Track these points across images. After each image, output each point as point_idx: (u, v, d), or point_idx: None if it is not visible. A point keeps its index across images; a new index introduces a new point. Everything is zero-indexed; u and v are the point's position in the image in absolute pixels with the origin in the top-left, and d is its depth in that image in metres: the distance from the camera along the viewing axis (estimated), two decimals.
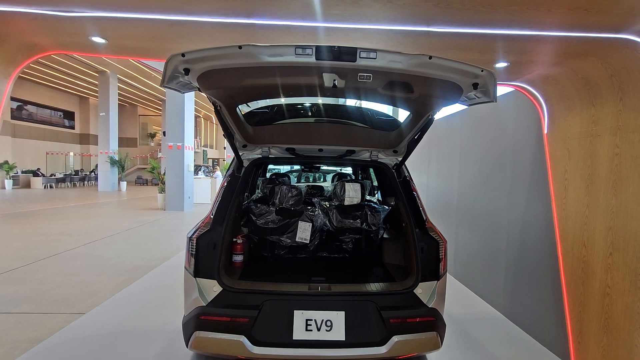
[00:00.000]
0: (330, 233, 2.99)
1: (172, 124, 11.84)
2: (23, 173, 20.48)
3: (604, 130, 2.43)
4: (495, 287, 3.85)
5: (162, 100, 24.19)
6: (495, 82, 1.67)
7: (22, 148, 21.17)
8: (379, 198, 3.85)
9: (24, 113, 21.75)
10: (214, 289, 2.17)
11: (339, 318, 2.06)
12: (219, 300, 2.14)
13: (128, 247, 6.64)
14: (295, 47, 1.51)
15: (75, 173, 23.88)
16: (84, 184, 23.58)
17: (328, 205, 3.05)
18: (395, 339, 2.03)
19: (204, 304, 2.11)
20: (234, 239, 2.65)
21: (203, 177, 15.99)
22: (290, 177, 5.41)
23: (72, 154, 25.50)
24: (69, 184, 22.29)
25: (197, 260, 2.20)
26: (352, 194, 2.85)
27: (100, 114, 19.35)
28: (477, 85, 1.69)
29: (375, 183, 4.24)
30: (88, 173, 24.68)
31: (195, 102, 15.84)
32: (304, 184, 5.01)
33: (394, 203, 2.87)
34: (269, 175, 4.58)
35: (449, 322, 3.51)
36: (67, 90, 23.93)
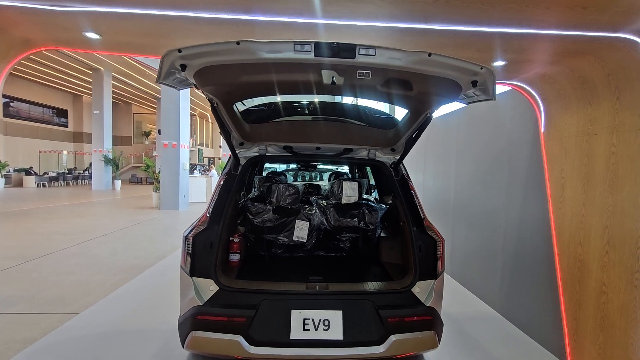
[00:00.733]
0: (328, 232, 2.98)
1: (167, 122, 11.74)
2: (15, 171, 20.22)
3: (601, 129, 2.44)
4: (492, 286, 3.86)
5: (157, 98, 24.01)
6: (494, 79, 1.66)
7: (14, 146, 20.90)
8: (377, 197, 3.84)
9: (16, 110, 21.47)
10: (211, 289, 2.14)
11: (337, 317, 2.05)
12: (216, 300, 2.12)
13: (123, 246, 6.58)
14: (294, 43, 1.49)
15: (69, 172, 23.63)
16: (78, 183, 23.35)
17: (325, 204, 3.04)
18: (393, 338, 2.03)
19: (200, 304, 2.08)
20: (231, 238, 2.62)
21: (198, 175, 15.90)
22: (287, 175, 5.38)
23: (65, 152, 25.23)
24: (62, 183, 22.06)
25: (193, 259, 2.18)
26: (349, 193, 2.84)
27: (94, 112, 19.16)
28: (476, 83, 1.68)
29: (373, 182, 4.23)
30: (82, 172, 24.43)
31: (191, 100, 15.75)
32: (301, 183, 4.98)
33: (392, 202, 2.86)
34: (266, 174, 4.56)
35: (446, 321, 3.52)
36: (60, 88, 23.66)
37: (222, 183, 2.40)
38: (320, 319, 2.04)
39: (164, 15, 2.00)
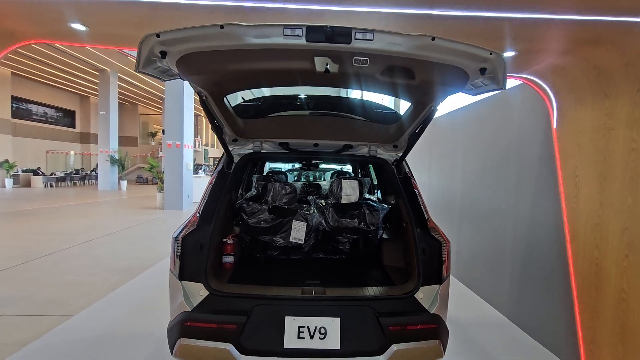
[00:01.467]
0: (326, 233, 2.83)
1: (171, 122, 11.70)
2: (23, 172, 20.43)
3: (619, 124, 2.27)
4: (500, 289, 3.69)
5: (162, 99, 24.10)
6: (505, 66, 1.51)
7: (22, 147, 21.11)
8: (379, 196, 3.69)
9: (25, 112, 21.70)
10: (200, 293, 2.02)
11: (334, 325, 1.91)
12: (205, 305, 1.99)
13: (124, 246, 6.52)
14: (284, 27, 1.36)
15: (76, 172, 23.82)
16: (85, 183, 23.53)
17: (324, 204, 2.89)
18: (395, 348, 1.88)
19: (189, 309, 1.96)
20: (224, 239, 2.50)
21: (203, 176, 15.86)
22: (288, 175, 5.23)
23: (72, 153, 25.45)
24: (69, 183, 22.24)
25: (182, 262, 2.06)
26: (349, 192, 2.70)
27: (101, 113, 19.26)
28: (484, 71, 1.53)
29: (376, 181, 4.08)
30: (89, 172, 24.62)
31: (195, 100, 15.73)
32: (301, 183, 4.81)
33: (394, 201, 2.72)
34: (266, 173, 4.43)
35: (452, 326, 3.35)
36: (68, 89, 23.89)
37: (214, 181, 2.28)
38: (316, 327, 1.90)
39: (150, 3, 1.89)
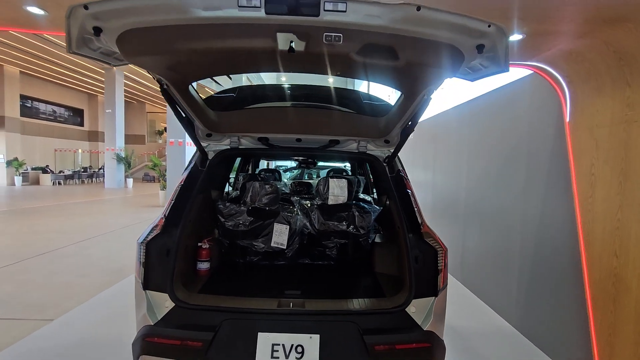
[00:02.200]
0: (312, 237, 2.60)
1: (173, 119, 11.54)
2: (33, 170, 20.65)
3: None
4: (507, 296, 3.41)
5: None
6: (507, 42, 1.25)
7: (31, 145, 21.35)
8: (375, 197, 3.44)
9: (33, 110, 21.92)
10: (166, 305, 1.82)
11: (313, 343, 1.69)
12: (170, 319, 1.79)
13: (120, 245, 6.39)
14: None
15: (84, 170, 24.04)
16: (92, 181, 23.73)
17: (309, 205, 2.65)
18: None
19: (152, 323, 1.76)
20: (199, 244, 2.29)
21: None
22: (285, 175, 4.98)
23: (80, 151, 25.68)
24: (77, 181, 22.43)
25: (146, 270, 1.86)
26: (336, 192, 2.46)
27: (107, 111, 19.32)
28: (482, 49, 1.27)
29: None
30: (96, 170, 24.82)
31: None
32: (289, 182, 4.53)
33: (387, 202, 2.47)
34: (257, 173, 4.20)
35: (452, 335, 3.11)
36: (76, 88, 24.07)
37: (184, 180, 2.06)
38: (292, 345, 1.68)
39: None
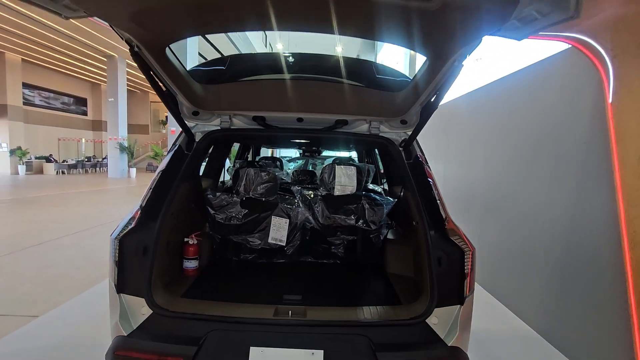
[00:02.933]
0: (316, 232, 2.31)
1: None
2: (36, 159, 20.59)
3: None
4: (530, 298, 3.12)
5: None
6: None
7: (34, 134, 21.25)
8: (386, 187, 3.13)
9: (36, 99, 21.77)
10: (142, 312, 1.55)
11: None
12: (147, 328, 1.53)
13: None
14: None
15: (87, 159, 23.96)
16: (96, 170, 23.66)
17: (312, 196, 2.35)
18: None
19: (125, 333, 1.50)
20: (186, 239, 2.02)
21: None
22: (284, 164, 4.64)
23: (84, 141, 25.58)
24: (81, 170, 22.36)
25: (120, 270, 1.59)
26: (344, 181, 2.16)
27: (109, 100, 19.08)
28: None
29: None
30: (100, 160, 24.73)
31: None
32: (291, 170, 4.16)
33: (402, 194, 2.17)
34: (255, 160, 3.91)
35: (471, 341, 2.83)
36: (79, 77, 23.85)
37: (165, 166, 1.78)
38: None
39: None
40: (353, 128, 2.05)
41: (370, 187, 2.74)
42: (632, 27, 1.99)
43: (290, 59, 1.94)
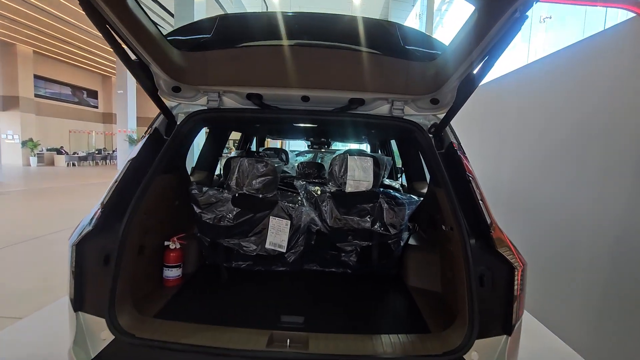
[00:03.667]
0: (323, 236, 1.93)
1: None
2: (48, 151, 20.73)
3: None
4: (571, 314, 2.71)
5: None
6: None
7: (45, 126, 21.39)
8: (404, 183, 2.74)
9: (47, 91, 21.87)
10: (102, 336, 1.22)
11: None
12: (107, 358, 1.20)
13: None
14: None
15: (98, 152, 24.07)
16: (106, 163, 23.75)
17: (319, 193, 1.97)
18: None
19: None
20: (166, 243, 1.68)
21: None
22: (291, 155, 4.22)
23: (94, 133, 25.68)
24: (91, 162, 22.46)
25: (78, 283, 1.26)
26: (358, 175, 1.79)
27: (118, 92, 18.99)
28: None
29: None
30: (110, 152, 24.81)
31: None
32: (295, 162, 3.68)
33: (430, 191, 1.79)
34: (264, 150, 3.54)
35: None
36: (89, 69, 23.88)
37: (136, 153, 1.44)
38: None
39: None
40: (371, 109, 1.66)
41: (387, 182, 2.36)
42: None
43: (294, 21, 1.56)
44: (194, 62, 1.48)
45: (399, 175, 3.44)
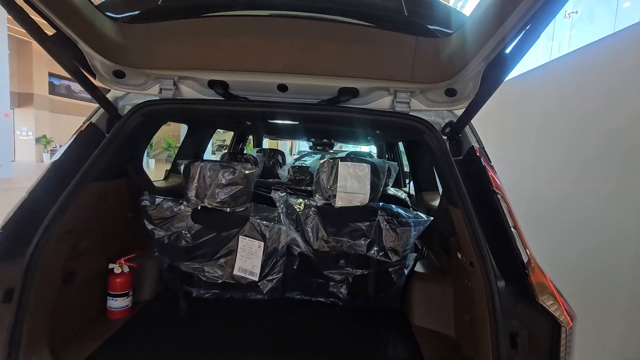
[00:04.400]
0: (307, 261, 1.58)
1: None
2: (61, 147, 21.01)
3: None
4: (607, 335, 2.30)
5: None
6: None
7: (59, 123, 21.67)
8: (412, 192, 2.37)
9: (61, 88, 22.17)
10: None
11: None
12: None
13: None
14: None
15: None
16: None
17: (302, 208, 1.61)
18: None
19: None
20: (111, 266, 1.37)
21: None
22: (292, 158, 3.84)
23: None
24: None
25: None
26: (350, 185, 1.44)
27: None
28: None
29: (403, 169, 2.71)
30: None
31: None
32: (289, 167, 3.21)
33: (441, 207, 1.43)
34: (258, 151, 3.21)
35: None
36: None
37: (60, 156, 1.13)
38: None
39: None
40: (368, 102, 1.29)
41: (392, 192, 1.99)
42: None
43: None
44: (137, 37, 1.15)
45: (408, 181, 3.06)
